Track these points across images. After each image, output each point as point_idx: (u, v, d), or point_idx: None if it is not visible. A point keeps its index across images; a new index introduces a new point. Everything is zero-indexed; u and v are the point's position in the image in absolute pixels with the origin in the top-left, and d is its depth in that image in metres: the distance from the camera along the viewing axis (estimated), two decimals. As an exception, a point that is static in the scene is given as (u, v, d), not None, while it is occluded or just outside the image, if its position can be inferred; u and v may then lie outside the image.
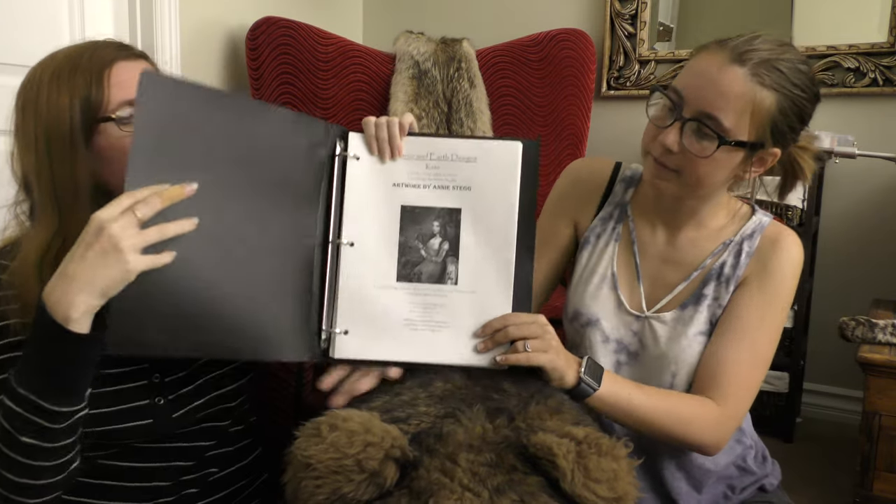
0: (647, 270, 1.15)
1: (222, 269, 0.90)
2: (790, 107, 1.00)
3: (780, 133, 1.01)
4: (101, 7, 1.93)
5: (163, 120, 0.86)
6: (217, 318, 0.90)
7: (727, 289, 1.09)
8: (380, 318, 0.99)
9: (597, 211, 1.21)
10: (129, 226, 0.80)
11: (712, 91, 0.98)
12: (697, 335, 1.09)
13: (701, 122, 0.99)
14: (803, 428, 2.48)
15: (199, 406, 1.03)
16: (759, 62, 0.98)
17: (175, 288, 0.86)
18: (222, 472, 1.08)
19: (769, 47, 0.99)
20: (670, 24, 2.73)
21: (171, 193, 0.84)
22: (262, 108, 0.98)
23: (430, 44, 2.42)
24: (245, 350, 0.94)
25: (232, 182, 0.92)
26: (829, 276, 2.51)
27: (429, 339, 0.99)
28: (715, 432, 1.04)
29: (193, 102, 0.90)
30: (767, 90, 0.98)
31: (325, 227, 1.00)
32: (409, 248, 1.00)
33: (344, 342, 0.99)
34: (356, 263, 1.00)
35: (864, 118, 2.40)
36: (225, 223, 0.91)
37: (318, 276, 1.00)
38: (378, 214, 1.01)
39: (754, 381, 1.08)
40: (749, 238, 1.11)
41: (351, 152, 1.01)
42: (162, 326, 0.86)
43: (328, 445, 0.77)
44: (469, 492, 0.75)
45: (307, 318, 0.99)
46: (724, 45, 1.00)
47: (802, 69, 1.01)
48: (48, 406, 0.83)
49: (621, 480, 0.78)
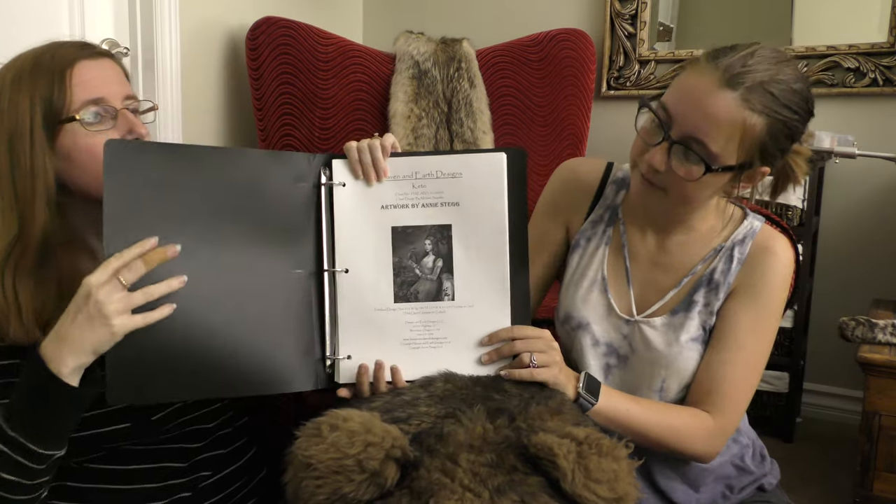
0: (637, 274, 1.15)
1: (218, 314, 0.94)
2: (781, 129, 0.98)
3: (769, 154, 1.00)
4: (101, 7, 1.93)
5: (132, 184, 0.91)
6: (218, 361, 0.94)
7: (717, 296, 1.09)
8: (379, 341, 1.01)
9: (587, 213, 1.20)
10: (114, 291, 0.85)
11: (701, 115, 0.96)
12: (689, 342, 1.09)
13: (688, 146, 0.98)
14: (803, 428, 2.48)
15: (179, 409, 1.02)
16: (751, 86, 0.95)
17: (172, 339, 0.90)
18: (215, 477, 1.07)
19: (764, 67, 0.96)
20: (670, 24, 2.73)
21: (154, 257, 0.88)
22: (235, 154, 1.01)
23: (430, 44, 2.42)
24: (251, 387, 0.97)
25: (216, 230, 0.95)
26: (829, 276, 2.51)
27: (430, 356, 1.00)
28: (709, 443, 1.07)
29: (161, 162, 0.93)
30: (758, 115, 0.96)
31: (318, 256, 1.01)
32: (404, 269, 1.02)
33: (347, 367, 1.01)
34: (353, 289, 1.01)
35: (864, 118, 2.40)
36: (216, 271, 0.94)
37: (316, 305, 1.01)
38: (370, 238, 1.02)
39: (749, 392, 1.09)
40: (740, 244, 1.10)
41: (336, 180, 1.02)
42: (161, 375, 0.91)
43: (329, 445, 0.77)
44: (470, 492, 0.75)
45: (310, 348, 1.01)
46: (717, 65, 0.97)
47: (797, 88, 0.98)
48: (35, 448, 0.86)
49: (622, 481, 0.78)
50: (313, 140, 2.32)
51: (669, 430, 1.05)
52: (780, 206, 2.29)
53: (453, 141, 2.34)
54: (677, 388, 1.10)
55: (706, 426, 1.06)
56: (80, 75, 0.97)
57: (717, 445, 1.08)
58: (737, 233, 1.11)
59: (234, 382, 0.96)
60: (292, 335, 1.00)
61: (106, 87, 0.98)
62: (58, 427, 0.88)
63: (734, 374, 1.07)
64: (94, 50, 1.01)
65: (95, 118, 0.97)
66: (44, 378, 0.84)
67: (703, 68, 0.98)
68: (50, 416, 0.87)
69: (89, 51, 1.00)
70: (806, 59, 2.45)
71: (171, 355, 0.91)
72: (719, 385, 1.07)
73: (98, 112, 0.97)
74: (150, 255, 0.88)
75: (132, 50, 2.01)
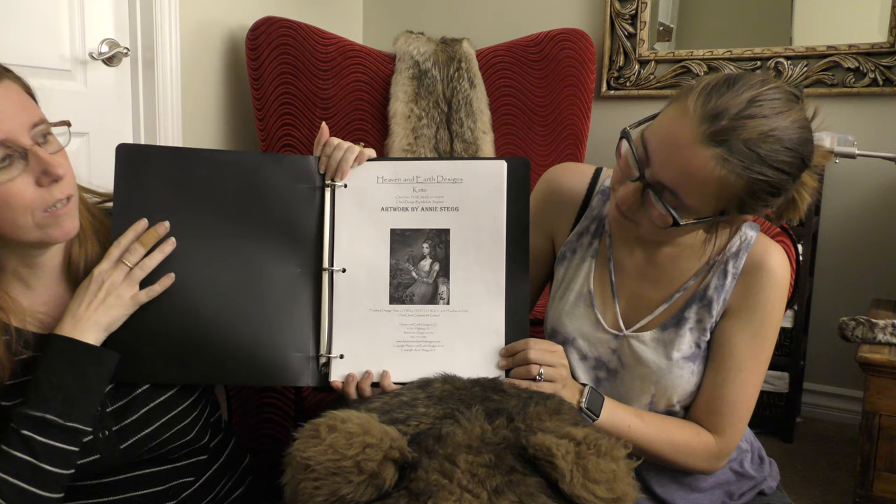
0: (623, 288, 1.12)
1: (219, 304, 1.00)
2: (763, 187, 0.90)
3: (748, 208, 0.94)
4: (101, 7, 1.92)
5: (140, 184, 1.00)
6: (216, 348, 0.99)
7: (710, 313, 1.06)
8: (372, 341, 1.01)
9: (573, 225, 1.16)
10: (121, 272, 0.96)
11: (676, 167, 0.90)
12: (682, 360, 1.06)
13: (660, 195, 0.92)
14: (803, 428, 2.48)
15: (149, 434, 0.99)
16: (734, 145, 0.87)
17: (173, 324, 0.99)
18: (198, 482, 1.08)
19: (757, 122, 0.87)
20: (670, 24, 2.73)
21: (148, 237, 0.99)
22: (239, 157, 1.06)
23: (430, 44, 2.42)
24: (246, 377, 1.02)
25: (220, 227, 1.01)
26: (829, 276, 2.51)
27: (423, 359, 1.00)
28: (710, 461, 1.07)
29: (168, 163, 1.01)
30: (736, 176, 0.88)
31: (318, 255, 1.03)
32: (400, 271, 1.02)
33: (339, 366, 1.01)
34: (349, 288, 1.02)
35: (864, 118, 2.40)
36: (218, 264, 1.01)
37: (314, 303, 1.03)
38: (368, 239, 1.03)
39: (749, 410, 1.08)
40: (735, 257, 1.05)
41: (339, 181, 1.05)
42: (170, 359, 0.99)
43: (327, 447, 0.77)
44: (468, 493, 0.75)
45: (306, 345, 1.02)
46: (705, 111, 0.88)
47: (790, 146, 0.89)
48: (64, 423, 0.89)
49: (620, 481, 0.78)
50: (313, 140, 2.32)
51: (672, 448, 1.05)
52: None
53: (453, 141, 2.34)
54: (665, 403, 1.09)
55: (707, 445, 1.06)
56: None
57: (717, 463, 1.08)
58: (731, 244, 1.06)
59: (229, 370, 1.00)
60: (288, 330, 1.01)
61: (8, 121, 0.86)
62: (89, 394, 0.92)
63: (733, 394, 1.06)
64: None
65: (1, 163, 0.85)
66: (71, 348, 0.91)
67: (692, 113, 0.89)
68: (81, 382, 0.91)
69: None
70: (806, 59, 2.45)
71: (172, 340, 0.99)
72: (719, 406, 1.06)
73: (3, 156, 0.85)
74: (145, 237, 0.99)
75: (132, 50, 2.01)
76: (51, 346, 0.91)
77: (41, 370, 0.90)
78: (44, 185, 0.89)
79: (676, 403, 1.09)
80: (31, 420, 0.88)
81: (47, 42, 1.79)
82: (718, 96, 0.89)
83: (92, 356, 0.93)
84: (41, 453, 0.87)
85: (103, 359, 0.94)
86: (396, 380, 0.99)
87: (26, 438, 0.87)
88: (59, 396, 0.89)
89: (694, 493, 1.13)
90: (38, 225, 0.89)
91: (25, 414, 0.88)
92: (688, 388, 1.08)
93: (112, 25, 1.97)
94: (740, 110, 0.88)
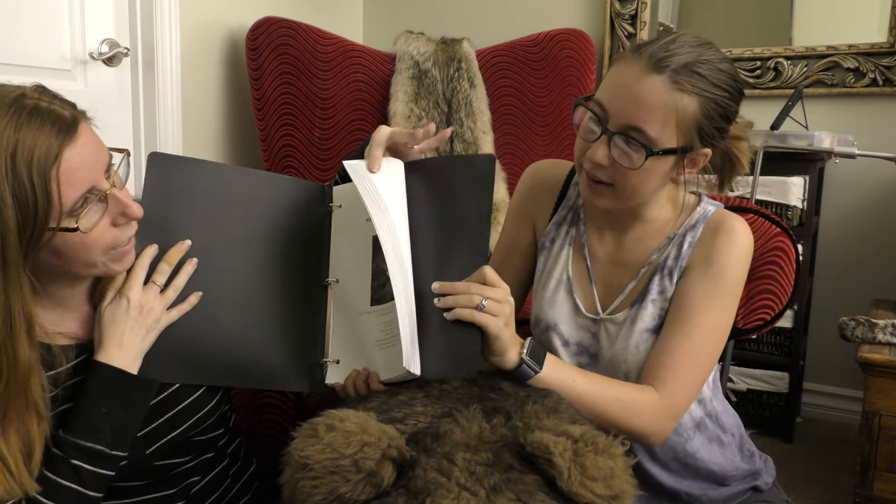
0: (598, 273, 1.15)
1: (237, 315, 1.04)
2: (714, 108, 0.99)
3: (707, 135, 1.01)
4: (101, 7, 1.93)
5: (165, 194, 1.02)
6: (240, 356, 1.03)
7: (671, 281, 1.08)
8: (358, 343, 1.04)
9: (552, 215, 1.20)
10: (154, 295, 0.97)
11: (633, 103, 0.97)
12: (644, 332, 1.08)
13: (627, 136, 0.98)
14: (803, 428, 2.48)
15: (150, 454, 0.99)
16: (677, 68, 0.96)
17: (201, 332, 1.01)
18: (204, 480, 1.08)
19: (687, 50, 0.98)
20: (670, 24, 2.73)
21: (173, 256, 0.99)
22: (261, 177, 1.12)
23: (430, 44, 2.42)
24: (259, 381, 1.06)
25: (241, 240, 1.06)
26: (829, 276, 2.51)
27: (395, 354, 0.98)
28: (656, 421, 1.03)
29: (195, 176, 1.05)
30: (689, 95, 0.97)
31: (321, 270, 1.10)
32: (380, 272, 1.04)
33: (334, 370, 1.05)
34: (341, 297, 1.08)
35: (864, 118, 2.40)
36: (239, 276, 1.05)
37: (317, 313, 1.08)
38: (356, 249, 1.08)
39: (698, 371, 1.06)
40: (692, 229, 1.09)
41: (335, 202, 1.11)
42: (197, 362, 1.02)
43: (325, 446, 0.77)
44: (466, 491, 0.75)
45: (310, 353, 1.06)
46: (641, 53, 0.98)
47: (723, 68, 0.99)
48: (111, 452, 0.90)
49: (618, 478, 0.78)
50: (313, 140, 2.32)
51: (618, 405, 1.01)
52: (780, 206, 2.29)
53: (453, 141, 2.34)
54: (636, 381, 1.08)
55: (652, 401, 1.02)
56: (66, 171, 0.81)
57: (663, 424, 1.04)
58: (690, 218, 1.11)
59: (243, 375, 1.04)
60: (297, 340, 1.06)
61: (91, 169, 0.85)
62: (137, 424, 0.94)
63: (681, 348, 1.04)
64: (70, 122, 0.84)
65: (85, 210, 0.85)
66: (123, 381, 0.92)
67: (629, 59, 0.99)
68: (132, 414, 0.93)
69: (67, 128, 0.83)
70: (806, 60, 2.45)
71: (204, 349, 1.01)
72: (664, 358, 1.04)
73: (88, 202, 0.85)
74: (170, 254, 0.99)
75: (132, 50, 2.01)
76: (101, 375, 0.91)
77: (90, 400, 0.90)
78: (119, 225, 0.90)
79: None
80: (83, 450, 0.88)
81: (47, 42, 1.79)
82: (647, 45, 1.00)
83: (143, 388, 0.94)
84: (89, 482, 0.88)
85: (151, 388, 0.96)
86: (382, 378, 0.99)
87: (76, 468, 0.87)
88: (108, 427, 0.90)
89: (679, 476, 1.14)
90: (105, 262, 0.90)
91: (76, 444, 0.88)
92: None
93: (112, 25, 1.97)
94: (669, 47, 0.98)
